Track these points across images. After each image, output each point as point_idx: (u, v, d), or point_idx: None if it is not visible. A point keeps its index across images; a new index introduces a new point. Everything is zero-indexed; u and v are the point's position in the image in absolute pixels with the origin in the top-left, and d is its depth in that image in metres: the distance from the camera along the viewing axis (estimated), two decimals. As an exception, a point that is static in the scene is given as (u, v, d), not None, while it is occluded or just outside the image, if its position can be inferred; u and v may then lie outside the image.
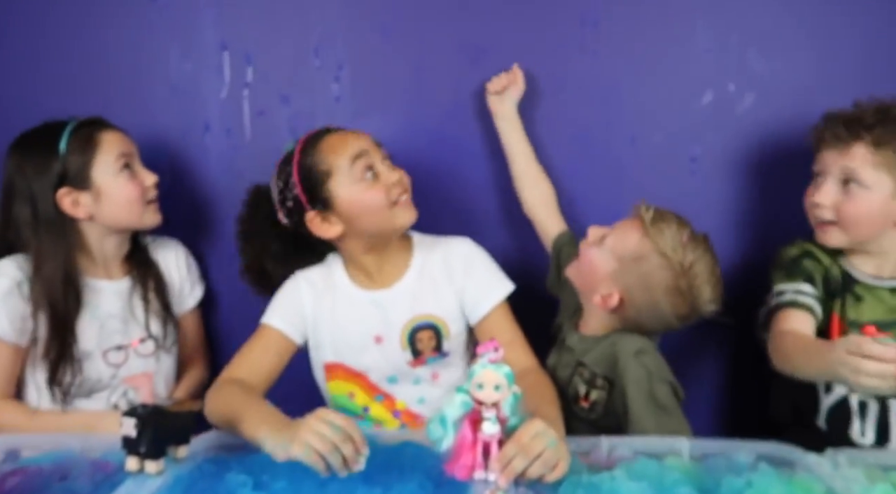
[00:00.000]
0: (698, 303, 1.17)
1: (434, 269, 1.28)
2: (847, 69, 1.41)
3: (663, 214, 1.19)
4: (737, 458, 1.01)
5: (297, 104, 1.49)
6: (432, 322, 1.26)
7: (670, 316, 1.18)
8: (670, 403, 1.15)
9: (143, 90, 1.50)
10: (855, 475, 0.95)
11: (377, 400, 1.30)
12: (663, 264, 1.16)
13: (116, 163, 1.29)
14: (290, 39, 1.48)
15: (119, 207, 1.29)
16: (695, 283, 1.16)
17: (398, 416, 1.30)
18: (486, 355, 0.92)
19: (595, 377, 1.20)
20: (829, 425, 1.27)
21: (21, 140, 1.30)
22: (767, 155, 1.45)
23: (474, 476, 0.92)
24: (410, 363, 1.27)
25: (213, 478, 0.96)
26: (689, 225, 1.20)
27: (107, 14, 1.48)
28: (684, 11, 1.43)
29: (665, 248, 1.15)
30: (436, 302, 1.26)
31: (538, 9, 1.44)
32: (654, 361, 1.17)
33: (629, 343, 1.18)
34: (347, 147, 1.20)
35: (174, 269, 1.44)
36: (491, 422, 0.91)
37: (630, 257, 1.18)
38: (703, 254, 1.17)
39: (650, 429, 1.14)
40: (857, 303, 1.26)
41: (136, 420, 0.92)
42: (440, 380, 1.29)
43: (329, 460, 0.91)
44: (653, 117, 1.46)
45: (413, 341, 1.25)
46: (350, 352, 1.28)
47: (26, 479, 0.96)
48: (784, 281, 1.29)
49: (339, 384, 1.31)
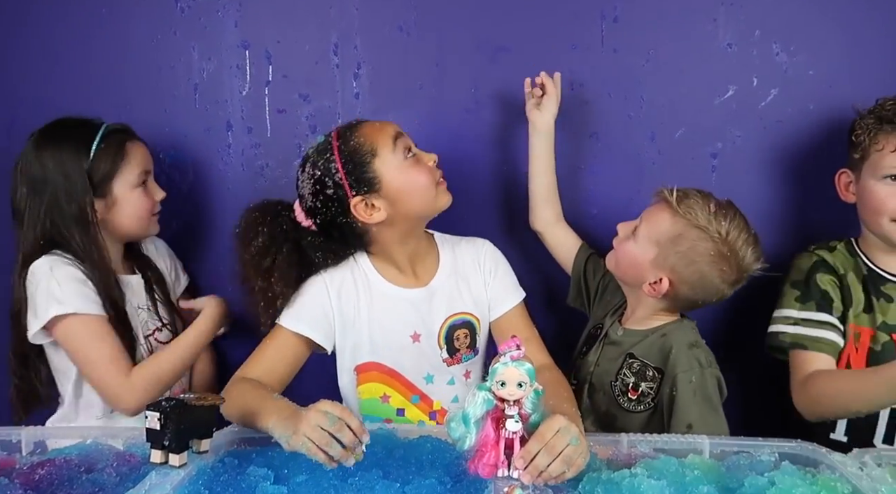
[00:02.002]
0: (744, 264, 1.19)
1: (466, 268, 1.29)
2: (873, 62, 1.39)
3: (686, 192, 1.21)
4: (759, 457, 1.00)
5: (316, 102, 1.51)
6: (469, 319, 1.27)
7: (721, 284, 1.20)
8: (715, 399, 1.18)
9: (166, 89, 1.52)
10: (881, 474, 0.94)
11: (413, 402, 1.29)
12: (701, 236, 1.18)
13: (138, 178, 1.33)
14: (309, 38, 1.49)
15: (128, 218, 1.34)
16: (736, 246, 1.18)
17: (434, 418, 1.29)
18: (509, 352, 0.91)
19: (646, 368, 1.22)
20: (851, 436, 1.24)
21: (51, 134, 1.31)
22: (790, 150, 1.43)
23: (497, 474, 0.92)
24: (446, 361, 1.27)
25: (235, 471, 0.97)
26: (712, 195, 1.21)
27: (130, 14, 1.51)
28: (706, 6, 1.41)
29: (699, 221, 1.17)
30: (471, 299, 1.28)
31: (558, 5, 1.43)
32: (706, 355, 1.20)
33: (683, 335, 1.21)
34: (387, 128, 1.21)
35: (161, 262, 1.47)
36: (514, 420, 0.91)
37: (667, 239, 1.19)
38: (735, 217, 1.19)
39: (694, 421, 1.15)
40: (886, 304, 1.24)
41: (159, 413, 0.93)
42: (472, 379, 1.30)
43: (328, 451, 0.92)
44: (673, 113, 1.45)
45: (450, 339, 1.26)
46: (388, 351, 1.26)
47: (53, 470, 0.97)
48: (797, 305, 1.27)
49: (372, 386, 1.28)
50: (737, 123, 1.44)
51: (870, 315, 1.25)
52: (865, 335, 1.24)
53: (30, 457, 1.06)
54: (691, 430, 1.15)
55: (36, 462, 1.00)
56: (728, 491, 0.93)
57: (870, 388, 1.10)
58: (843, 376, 1.20)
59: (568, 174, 1.44)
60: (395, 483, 0.94)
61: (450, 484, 0.94)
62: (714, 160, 1.45)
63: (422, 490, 0.92)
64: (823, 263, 1.28)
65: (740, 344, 1.49)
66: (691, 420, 1.16)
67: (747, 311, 1.47)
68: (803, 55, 1.41)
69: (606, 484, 0.92)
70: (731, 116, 1.44)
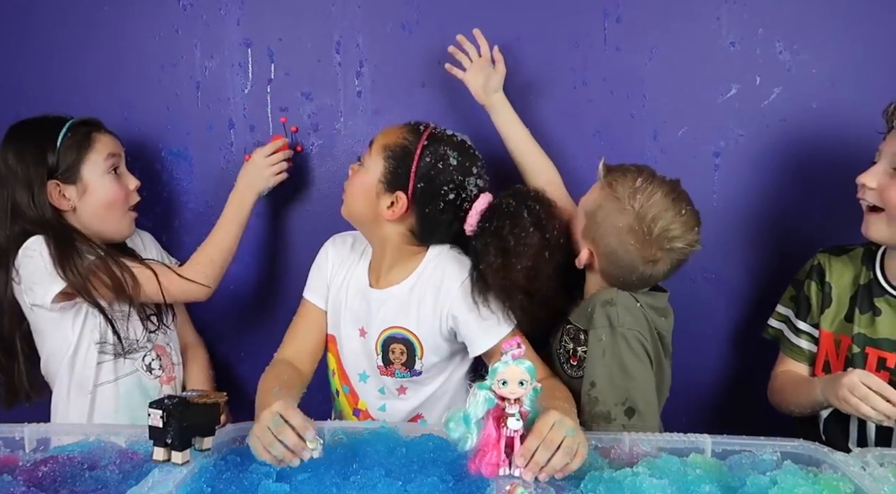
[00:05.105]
0: (660, 242, 1.14)
1: (427, 291, 1.22)
2: (876, 61, 1.39)
3: (621, 166, 1.20)
4: (761, 456, 1.00)
5: (318, 100, 1.51)
6: (407, 337, 1.23)
7: (637, 259, 1.16)
8: (629, 360, 1.14)
9: (168, 86, 1.52)
10: (884, 474, 0.94)
11: (344, 391, 1.32)
12: (617, 208, 1.16)
13: (105, 163, 1.34)
14: (312, 36, 1.49)
15: (101, 206, 1.34)
16: (649, 223, 1.14)
17: (357, 415, 1.31)
18: (510, 351, 0.92)
19: (578, 332, 1.21)
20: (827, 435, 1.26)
21: (20, 128, 1.34)
22: (793, 149, 1.43)
23: (499, 473, 0.92)
24: (380, 368, 1.26)
25: (237, 469, 0.98)
26: (647, 172, 1.18)
27: (132, 12, 1.50)
28: (709, 4, 1.41)
29: (618, 193, 1.16)
30: (416, 320, 1.22)
31: (561, 4, 1.43)
32: (623, 314, 1.15)
33: (603, 294, 1.19)
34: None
35: (147, 255, 1.46)
36: (515, 418, 0.91)
37: (592, 210, 1.20)
38: (661, 196, 1.15)
39: (598, 380, 1.14)
40: (871, 317, 1.23)
41: (162, 411, 0.94)
42: (407, 395, 1.27)
43: (271, 451, 0.93)
44: (676, 111, 1.44)
45: (386, 349, 1.25)
46: (341, 333, 1.30)
47: (56, 467, 0.98)
48: (791, 304, 1.34)
49: (330, 358, 1.33)
50: (739, 122, 1.43)
51: (850, 324, 1.25)
52: (845, 343, 1.25)
53: (33, 454, 1.06)
54: (594, 389, 1.14)
55: (39, 459, 1.01)
56: (730, 490, 0.94)
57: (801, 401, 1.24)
58: (793, 384, 1.28)
59: (570, 173, 1.43)
60: (397, 482, 0.94)
61: (452, 483, 0.95)
62: (717, 159, 1.45)
63: (423, 489, 0.92)
64: (818, 269, 1.30)
65: (741, 344, 1.50)
66: (595, 378, 1.14)
67: (747, 311, 1.48)
68: (806, 54, 1.40)
69: (608, 483, 0.92)
70: (734, 115, 1.43)
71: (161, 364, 1.40)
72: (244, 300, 1.58)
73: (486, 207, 1.20)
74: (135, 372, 1.36)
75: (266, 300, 1.58)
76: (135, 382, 1.36)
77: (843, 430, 1.25)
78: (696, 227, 1.17)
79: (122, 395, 1.34)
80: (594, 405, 1.14)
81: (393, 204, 1.20)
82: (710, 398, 1.53)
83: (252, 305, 1.59)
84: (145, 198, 1.44)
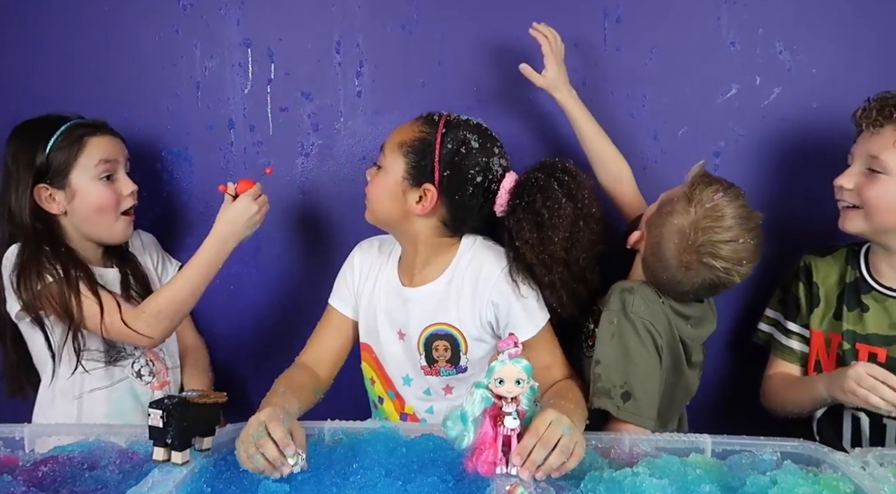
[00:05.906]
0: (703, 255, 1.13)
1: (466, 283, 1.21)
2: (875, 61, 1.39)
3: (715, 177, 1.20)
4: (761, 456, 1.00)
5: (318, 100, 1.50)
6: (451, 332, 1.22)
7: (672, 259, 1.15)
8: (635, 349, 1.14)
9: (168, 86, 1.52)
10: (884, 474, 0.94)
11: (389, 396, 1.30)
12: (684, 207, 1.16)
13: (95, 168, 1.31)
14: (312, 36, 1.49)
15: (91, 211, 1.32)
16: (705, 235, 1.13)
17: (405, 419, 1.29)
18: (506, 350, 0.92)
19: (600, 315, 1.21)
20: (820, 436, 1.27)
21: (22, 128, 1.33)
22: (793, 149, 1.43)
23: (496, 471, 0.92)
24: (424, 369, 1.25)
25: (237, 468, 0.97)
26: (734, 193, 1.17)
27: (132, 12, 1.50)
28: (709, 4, 1.41)
29: (693, 196, 1.16)
30: (456, 314, 1.22)
31: (560, 4, 1.43)
32: (639, 303, 1.16)
33: (628, 282, 1.20)
34: None
35: (147, 256, 1.47)
36: (512, 417, 0.92)
37: (665, 200, 1.21)
38: (729, 217, 1.13)
39: (605, 360, 1.15)
40: (860, 313, 1.24)
41: (162, 411, 0.94)
42: (453, 395, 1.26)
43: (252, 462, 0.92)
44: (676, 111, 1.44)
45: (429, 348, 1.23)
46: (378, 340, 1.28)
47: (56, 467, 0.98)
48: (779, 307, 1.36)
49: (365, 366, 1.32)
50: (740, 122, 1.44)
51: (839, 322, 1.26)
52: (835, 341, 1.26)
53: (34, 454, 1.06)
54: (598, 366, 1.16)
55: (39, 459, 1.01)
56: (730, 490, 0.94)
57: (801, 401, 1.24)
58: (790, 385, 1.29)
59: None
60: (397, 482, 0.94)
61: (451, 483, 0.95)
62: (717, 159, 1.45)
63: (423, 489, 0.92)
64: (804, 270, 1.32)
65: (742, 344, 1.49)
66: (600, 357, 1.16)
67: (748, 312, 1.48)
68: (806, 54, 1.40)
69: (608, 483, 0.92)
70: (734, 115, 1.43)
71: (152, 370, 1.39)
72: (244, 300, 1.58)
73: (513, 185, 1.21)
74: (125, 378, 1.36)
75: (266, 300, 1.58)
76: (126, 388, 1.36)
77: (836, 430, 1.25)
78: (746, 261, 1.15)
79: (114, 401, 1.34)
80: (597, 380, 1.16)
81: (422, 198, 1.19)
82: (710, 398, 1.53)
83: (252, 305, 1.59)
84: (145, 198, 1.44)
